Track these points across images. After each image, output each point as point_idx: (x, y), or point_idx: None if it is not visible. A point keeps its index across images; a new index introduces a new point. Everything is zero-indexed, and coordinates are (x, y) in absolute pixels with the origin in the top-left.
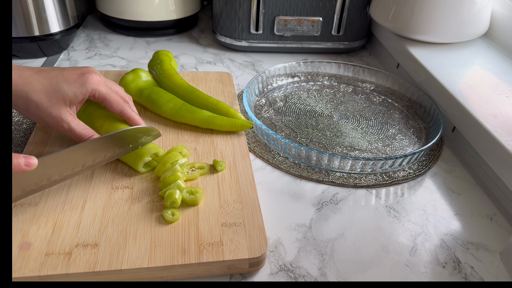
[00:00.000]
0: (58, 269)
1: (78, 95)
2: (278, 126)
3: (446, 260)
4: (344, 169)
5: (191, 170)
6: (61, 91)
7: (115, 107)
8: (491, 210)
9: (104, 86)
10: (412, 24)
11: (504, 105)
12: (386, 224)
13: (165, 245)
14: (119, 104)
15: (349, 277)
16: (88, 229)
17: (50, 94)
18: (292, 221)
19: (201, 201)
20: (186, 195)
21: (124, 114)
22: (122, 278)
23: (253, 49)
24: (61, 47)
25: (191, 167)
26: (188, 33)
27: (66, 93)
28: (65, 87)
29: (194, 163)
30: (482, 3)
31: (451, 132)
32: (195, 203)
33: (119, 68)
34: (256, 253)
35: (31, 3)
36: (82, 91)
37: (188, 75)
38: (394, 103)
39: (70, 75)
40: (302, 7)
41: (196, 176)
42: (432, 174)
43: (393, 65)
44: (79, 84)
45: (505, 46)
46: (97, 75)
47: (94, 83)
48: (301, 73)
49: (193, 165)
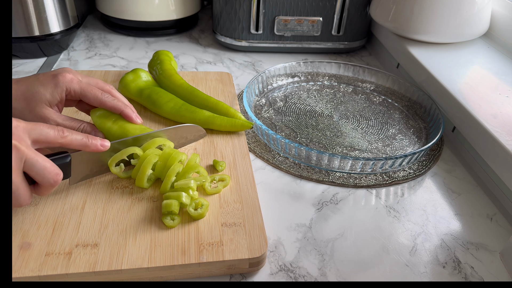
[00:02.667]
0: (58, 269)
1: (55, 96)
2: (278, 126)
3: (446, 260)
4: (344, 169)
5: (213, 183)
6: (39, 94)
7: (93, 101)
8: (491, 210)
9: (78, 83)
10: (412, 24)
11: (504, 105)
12: (386, 224)
13: (165, 245)
14: (96, 96)
15: (349, 277)
16: (88, 229)
17: (28, 99)
18: (292, 221)
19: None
20: (192, 210)
21: (105, 105)
22: (122, 278)
23: (253, 49)
24: (61, 47)
25: (212, 179)
26: (188, 33)
27: (44, 95)
28: (41, 89)
29: (214, 175)
30: (482, 3)
31: (451, 132)
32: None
33: (119, 68)
34: (256, 253)
35: (31, 3)
36: (58, 91)
37: (188, 75)
38: (394, 103)
39: (45, 78)
40: (302, 7)
41: (220, 189)
42: (432, 174)
43: (393, 65)
44: (53, 84)
45: (505, 46)
46: (70, 74)
47: (67, 81)
48: (301, 73)
49: (214, 177)
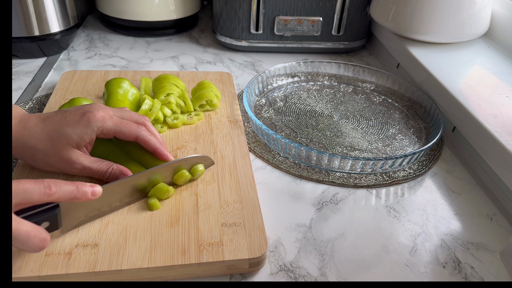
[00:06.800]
0: (58, 269)
1: (83, 137)
2: (278, 126)
3: (446, 260)
4: (344, 169)
5: (189, 116)
6: (65, 135)
7: (128, 137)
8: (491, 210)
9: (110, 120)
10: (412, 24)
11: (504, 105)
12: (386, 224)
13: (165, 245)
14: (132, 131)
15: (349, 277)
16: (88, 229)
17: (54, 140)
18: (292, 221)
19: (181, 125)
20: (169, 120)
21: (140, 140)
22: (122, 278)
23: (253, 49)
24: (61, 47)
25: (189, 115)
26: (188, 33)
27: (71, 137)
28: (68, 130)
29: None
30: (482, 3)
31: (451, 132)
32: (175, 126)
33: (119, 68)
34: (256, 253)
35: (31, 3)
36: (88, 132)
37: (188, 75)
38: (394, 103)
39: (73, 117)
40: (302, 7)
41: (194, 120)
42: (432, 174)
43: (393, 65)
44: (83, 125)
45: (505, 46)
46: (101, 111)
47: (98, 120)
48: (301, 73)
49: (190, 113)
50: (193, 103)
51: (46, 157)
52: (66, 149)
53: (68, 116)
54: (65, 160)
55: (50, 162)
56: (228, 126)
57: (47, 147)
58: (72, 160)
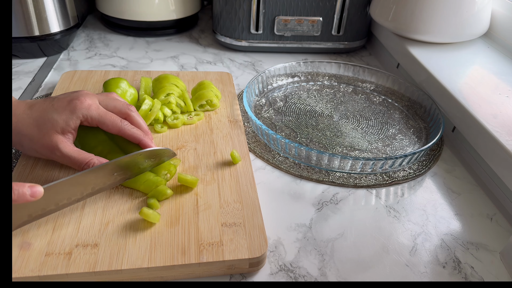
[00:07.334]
0: (58, 269)
1: (69, 122)
2: (278, 126)
3: (446, 260)
4: (344, 169)
5: (189, 116)
6: (51, 121)
7: (111, 129)
8: (491, 210)
9: (96, 110)
10: (412, 24)
11: (504, 105)
12: (386, 224)
13: (165, 245)
14: (114, 124)
15: (349, 277)
16: (88, 229)
17: (40, 126)
18: (292, 221)
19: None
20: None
21: (124, 133)
22: (122, 278)
23: (253, 49)
24: (61, 47)
25: (189, 115)
26: (188, 33)
27: (56, 122)
28: (55, 116)
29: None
30: (482, 3)
31: (451, 132)
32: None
33: (119, 68)
34: (256, 253)
35: (31, 3)
36: (73, 118)
37: (188, 75)
38: (394, 103)
39: (60, 103)
40: (302, 7)
41: (194, 120)
42: (432, 174)
43: (393, 65)
44: (69, 111)
45: (505, 46)
46: (88, 99)
47: (84, 108)
48: (301, 73)
49: (190, 113)
50: (193, 103)
51: (31, 142)
52: (50, 134)
53: (56, 103)
54: (48, 145)
55: (34, 148)
56: (228, 126)
57: (33, 132)
58: (54, 146)
